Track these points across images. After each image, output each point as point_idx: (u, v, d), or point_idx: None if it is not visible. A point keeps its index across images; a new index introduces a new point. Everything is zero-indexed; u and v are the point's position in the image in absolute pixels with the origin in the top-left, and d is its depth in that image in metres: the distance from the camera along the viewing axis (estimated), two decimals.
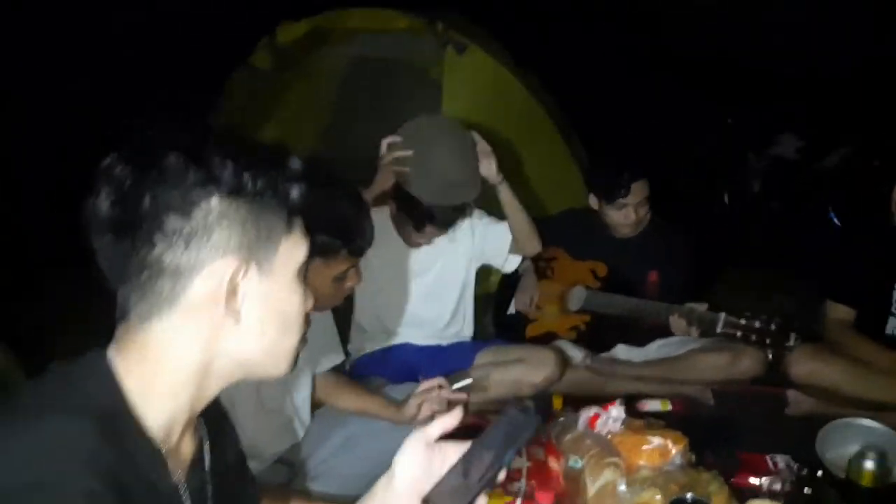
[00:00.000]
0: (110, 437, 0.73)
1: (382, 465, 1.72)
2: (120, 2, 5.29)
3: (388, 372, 2.31)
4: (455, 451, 0.98)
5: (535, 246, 2.43)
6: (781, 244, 4.64)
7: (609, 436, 1.84)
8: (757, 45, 5.27)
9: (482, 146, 2.27)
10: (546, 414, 1.02)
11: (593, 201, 2.57)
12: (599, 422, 1.84)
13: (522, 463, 2.02)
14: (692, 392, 2.43)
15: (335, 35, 4.37)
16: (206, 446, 0.93)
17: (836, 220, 5.12)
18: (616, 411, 1.85)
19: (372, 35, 4.36)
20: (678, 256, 2.56)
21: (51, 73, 4.77)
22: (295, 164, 0.87)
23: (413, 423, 1.85)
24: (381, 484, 0.97)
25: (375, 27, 4.26)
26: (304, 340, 0.92)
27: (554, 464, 1.97)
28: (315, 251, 1.45)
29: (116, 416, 0.77)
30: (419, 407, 1.82)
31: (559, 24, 5.34)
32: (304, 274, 0.90)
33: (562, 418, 1.95)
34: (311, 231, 1.44)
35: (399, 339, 2.42)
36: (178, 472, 0.84)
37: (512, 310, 2.69)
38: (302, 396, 1.80)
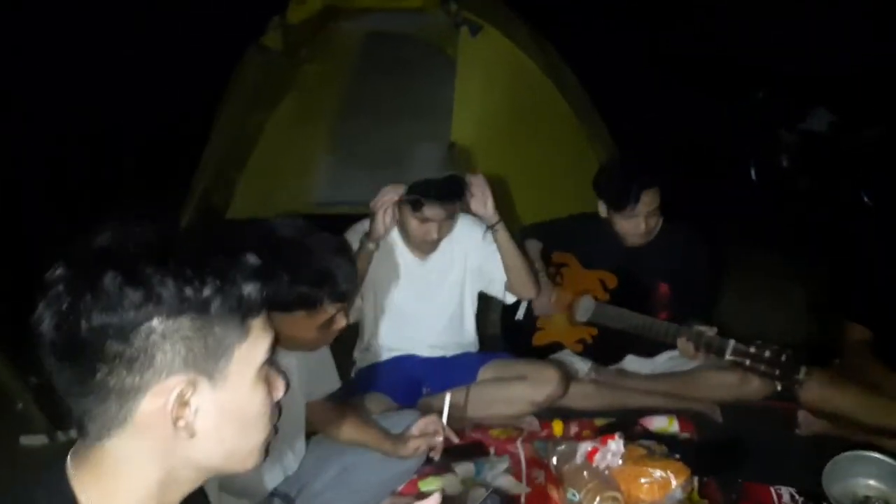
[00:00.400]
0: None
1: (378, 498, 1.72)
2: None
3: (391, 385, 2.30)
4: None
5: (530, 291, 2.39)
6: (808, 223, 4.50)
7: (607, 470, 1.82)
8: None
9: (479, 183, 2.24)
10: None
11: (602, 209, 2.48)
12: (598, 456, 1.82)
13: (522, 489, 2.02)
14: (700, 406, 2.39)
15: (347, 12, 4.27)
16: None
17: (867, 200, 4.94)
18: (615, 445, 1.82)
19: (385, 12, 4.26)
20: (691, 267, 2.47)
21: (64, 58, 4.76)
22: (249, 261, 0.82)
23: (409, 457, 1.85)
24: None
25: (388, 5, 4.15)
26: (274, 430, 0.88)
27: (553, 492, 1.96)
28: (297, 304, 1.43)
29: None
30: (416, 449, 1.82)
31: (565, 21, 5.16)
32: (271, 362, 0.85)
33: (561, 447, 1.93)
34: (290, 285, 1.41)
35: (403, 352, 2.40)
36: None
37: (520, 315, 2.65)
38: (296, 429, 1.80)
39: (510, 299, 2.44)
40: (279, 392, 0.89)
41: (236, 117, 4.64)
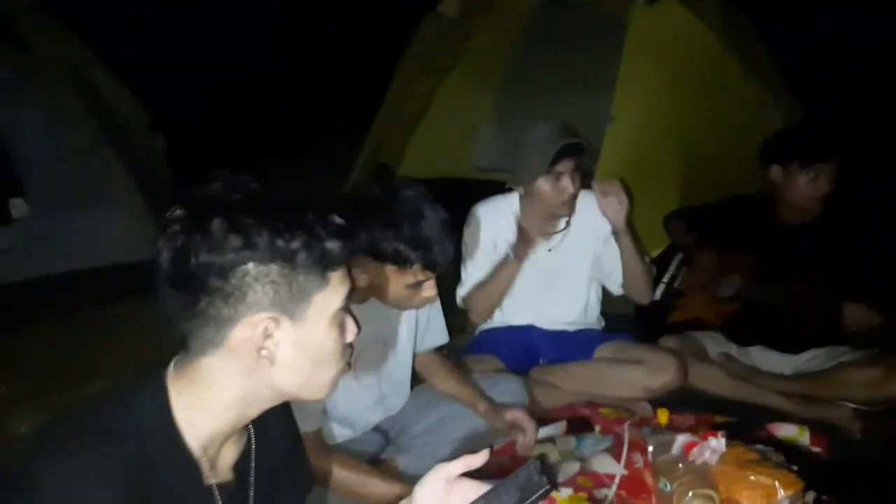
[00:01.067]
0: (145, 455, 0.88)
1: (470, 449, 1.79)
2: None
3: (507, 350, 2.35)
4: (474, 492, 1.04)
5: (645, 297, 2.37)
6: None
7: (705, 466, 1.74)
8: None
9: (615, 190, 2.20)
10: (554, 484, 1.04)
11: (777, 172, 2.36)
12: (695, 450, 1.74)
13: (618, 470, 1.99)
14: (837, 419, 2.18)
15: None
16: (252, 450, 1.06)
17: None
18: (715, 443, 1.74)
19: None
20: (852, 250, 2.28)
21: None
22: (334, 221, 0.94)
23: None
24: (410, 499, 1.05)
25: None
26: (346, 367, 1.01)
27: (649, 479, 1.92)
28: (391, 257, 1.53)
29: (159, 433, 0.92)
30: (507, 429, 1.87)
31: None
32: (346, 308, 0.98)
33: (660, 435, 1.87)
34: (390, 239, 1.51)
35: (523, 321, 2.43)
36: (213, 476, 0.98)
37: (658, 296, 2.57)
38: (402, 375, 1.92)
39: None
40: (351, 335, 1.00)
41: (410, 81, 4.86)
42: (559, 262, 2.37)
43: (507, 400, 2.01)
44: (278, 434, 1.13)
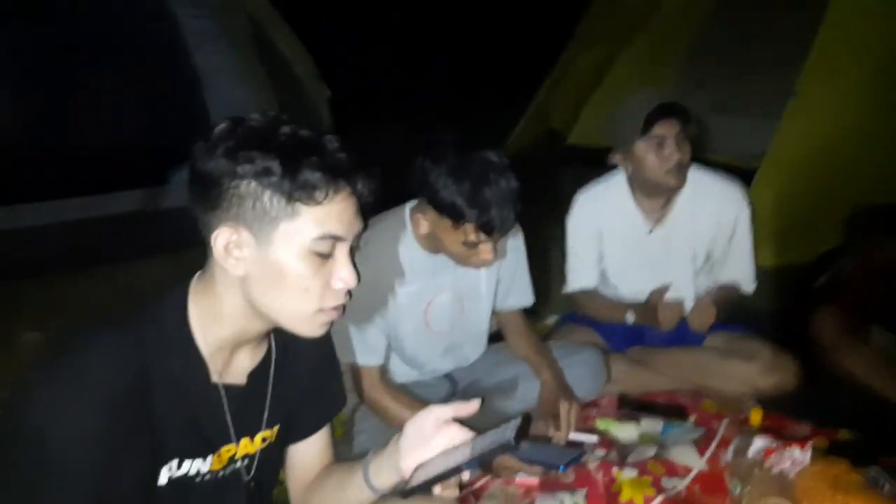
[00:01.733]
0: (158, 348, 0.99)
1: (531, 408, 1.78)
2: None
3: (607, 328, 2.23)
4: (459, 437, 1.07)
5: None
6: None
7: (786, 474, 1.57)
8: None
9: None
10: (522, 440, 1.00)
11: None
12: (773, 457, 1.57)
13: (697, 464, 1.86)
14: None
15: None
16: (273, 361, 1.15)
17: None
18: (798, 454, 1.54)
19: None
20: None
21: None
22: (325, 157, 0.95)
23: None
24: (394, 440, 1.11)
25: None
26: (336, 311, 1.03)
27: (727, 479, 1.77)
28: (446, 210, 1.54)
29: (174, 330, 1.02)
30: (557, 412, 1.81)
31: None
32: (327, 254, 0.99)
33: (742, 437, 1.71)
34: (448, 192, 1.51)
35: (630, 297, 2.24)
36: (223, 378, 1.07)
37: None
38: (477, 328, 1.92)
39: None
40: (341, 281, 1.01)
41: (585, 49, 4.73)
42: (665, 243, 2.16)
43: (580, 371, 1.93)
44: (307, 351, 1.19)
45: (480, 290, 1.87)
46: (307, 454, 1.27)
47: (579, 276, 2.23)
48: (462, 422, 1.10)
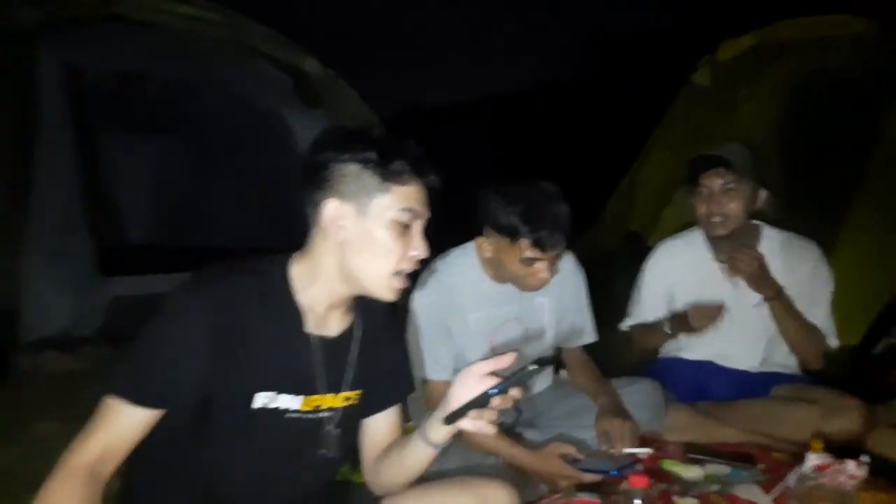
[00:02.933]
0: (259, 293, 1.25)
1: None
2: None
3: (674, 382, 2.28)
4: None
5: (815, 362, 2.19)
6: None
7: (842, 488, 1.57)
8: None
9: (750, 257, 2.10)
10: (543, 366, 1.22)
11: None
12: (830, 471, 1.59)
13: (764, 500, 1.84)
14: None
15: (782, 50, 4.17)
16: (357, 331, 1.38)
17: None
18: (853, 468, 1.56)
19: (820, 48, 4.00)
20: None
21: None
22: (409, 150, 1.27)
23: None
24: (444, 398, 1.28)
25: (822, 33, 3.91)
26: (399, 275, 1.27)
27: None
28: (503, 229, 1.77)
29: (276, 282, 1.28)
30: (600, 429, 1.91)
31: None
32: (408, 224, 1.27)
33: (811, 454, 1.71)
34: (506, 213, 1.75)
35: (699, 356, 2.32)
36: (314, 328, 1.30)
37: (878, 349, 2.31)
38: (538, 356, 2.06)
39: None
40: (416, 251, 1.28)
41: (662, 153, 4.96)
42: (741, 295, 2.24)
43: (639, 399, 2.01)
44: (386, 336, 1.44)
45: (543, 323, 2.04)
46: (378, 429, 1.46)
47: (643, 312, 2.35)
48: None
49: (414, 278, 1.85)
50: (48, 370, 2.91)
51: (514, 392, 1.20)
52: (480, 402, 1.19)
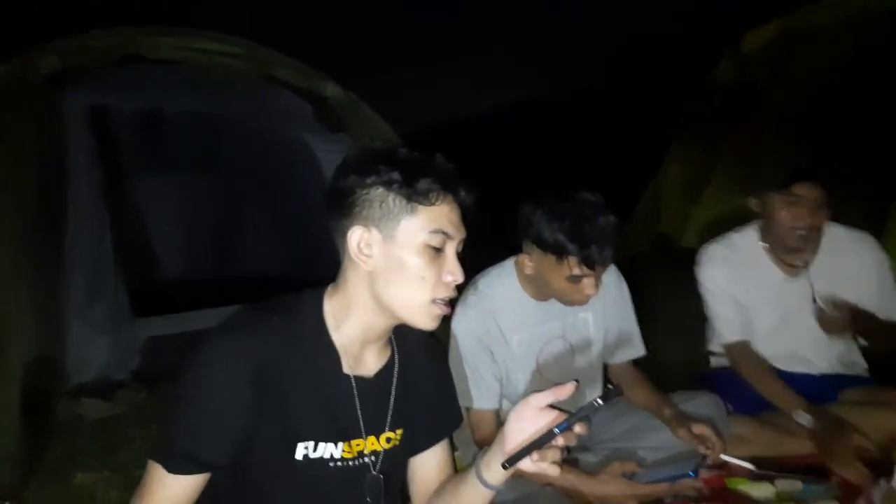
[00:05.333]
0: (293, 336, 1.17)
1: (661, 463, 1.81)
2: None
3: (733, 394, 2.15)
4: (556, 419, 1.15)
5: None
6: None
7: None
8: None
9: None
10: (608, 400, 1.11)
11: None
12: None
13: None
14: None
15: (810, 33, 4.03)
16: (396, 366, 1.29)
17: None
18: None
19: (858, 25, 3.85)
20: None
21: None
22: (436, 168, 1.18)
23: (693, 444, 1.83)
24: (499, 434, 1.19)
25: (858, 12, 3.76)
26: (443, 305, 1.18)
27: None
28: (549, 247, 1.67)
29: (311, 323, 1.21)
30: (683, 435, 1.80)
31: None
32: (440, 248, 1.17)
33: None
34: (551, 230, 1.66)
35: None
36: (354, 370, 1.22)
37: None
38: (589, 378, 1.94)
39: None
40: (450, 275, 1.18)
41: (692, 149, 4.84)
42: (801, 294, 2.15)
43: (700, 414, 1.90)
44: (426, 367, 1.35)
45: (590, 339, 1.94)
46: (428, 467, 1.37)
47: (724, 324, 2.22)
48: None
49: (453, 302, 1.76)
50: (87, 417, 2.89)
51: (579, 428, 1.10)
52: (543, 441, 1.09)
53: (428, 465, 1.37)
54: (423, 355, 1.36)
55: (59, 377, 3.01)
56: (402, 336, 1.31)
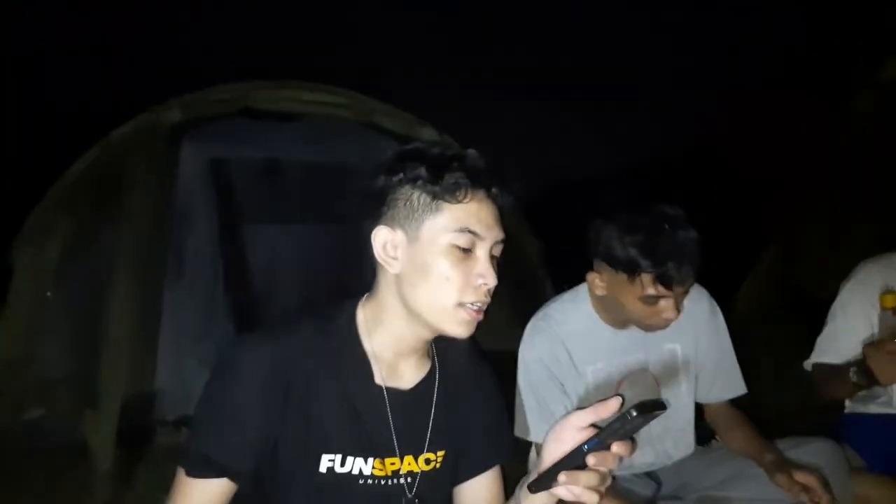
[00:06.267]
0: (325, 345, 1.13)
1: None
2: None
3: (871, 447, 1.85)
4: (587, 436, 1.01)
5: None
6: None
7: None
8: None
9: None
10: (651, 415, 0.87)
11: None
12: None
13: None
14: None
15: None
16: (437, 382, 1.21)
17: None
18: None
19: None
20: None
21: None
22: (467, 163, 1.09)
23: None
24: (538, 459, 1.07)
25: None
26: (473, 311, 1.09)
27: None
28: (620, 264, 1.51)
29: (343, 333, 1.16)
30: (783, 485, 1.54)
31: None
32: (468, 248, 1.09)
33: None
34: (623, 245, 1.51)
35: None
36: (387, 381, 1.15)
37: None
38: (679, 420, 1.73)
39: None
40: (480, 278, 1.09)
41: (828, 190, 4.44)
42: None
43: (811, 461, 1.61)
44: (473, 389, 1.25)
45: (678, 373, 1.74)
46: (476, 499, 1.25)
47: (836, 344, 1.93)
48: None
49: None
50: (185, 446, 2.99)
51: (618, 448, 0.95)
52: (572, 461, 0.95)
53: (477, 496, 1.25)
54: (470, 374, 1.27)
55: (160, 410, 3.15)
56: (444, 350, 1.23)
